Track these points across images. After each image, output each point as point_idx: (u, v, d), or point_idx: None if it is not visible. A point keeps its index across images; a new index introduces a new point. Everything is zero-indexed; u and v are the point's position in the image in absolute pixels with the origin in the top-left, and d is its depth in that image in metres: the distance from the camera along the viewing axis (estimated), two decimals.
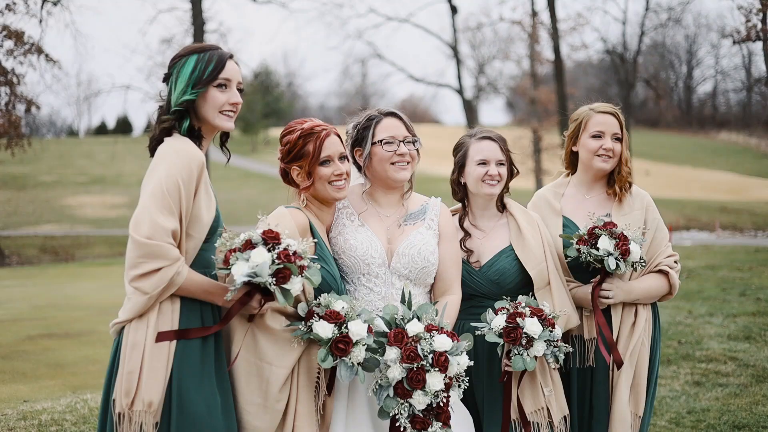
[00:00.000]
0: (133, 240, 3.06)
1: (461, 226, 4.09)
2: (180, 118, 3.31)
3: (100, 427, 3.23)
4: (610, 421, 4.05)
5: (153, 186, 3.12)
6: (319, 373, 3.44)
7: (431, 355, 3.31)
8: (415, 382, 3.27)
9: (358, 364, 3.27)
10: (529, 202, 4.43)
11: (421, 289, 3.81)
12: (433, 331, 3.36)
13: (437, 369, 3.29)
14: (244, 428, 3.33)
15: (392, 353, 3.32)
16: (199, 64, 3.30)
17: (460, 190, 4.15)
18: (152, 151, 3.31)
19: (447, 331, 3.39)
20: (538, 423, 3.84)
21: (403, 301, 3.50)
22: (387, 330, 3.39)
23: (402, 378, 3.30)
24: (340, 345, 3.23)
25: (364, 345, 3.27)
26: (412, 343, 3.33)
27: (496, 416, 3.88)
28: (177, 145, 3.23)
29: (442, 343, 3.32)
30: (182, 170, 3.15)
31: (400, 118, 3.87)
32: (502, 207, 4.13)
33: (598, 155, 4.22)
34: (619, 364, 4.05)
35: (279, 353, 3.34)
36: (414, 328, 3.36)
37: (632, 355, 4.08)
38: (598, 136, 4.23)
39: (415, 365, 3.29)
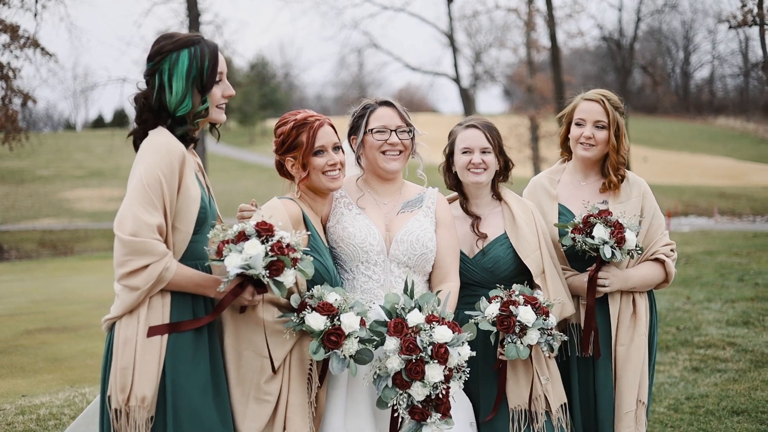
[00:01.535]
0: (118, 238, 3.04)
1: (466, 211, 4.07)
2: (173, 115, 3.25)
3: (99, 424, 3.22)
4: (616, 411, 4.06)
5: (134, 183, 3.09)
6: (311, 364, 3.43)
7: (431, 347, 3.27)
8: (413, 373, 3.25)
9: (350, 356, 3.26)
10: (524, 189, 4.41)
11: (420, 277, 3.80)
12: (434, 322, 3.32)
13: (437, 361, 3.26)
14: (236, 419, 3.31)
15: (392, 343, 3.29)
16: (194, 62, 3.24)
17: (451, 179, 4.14)
18: (136, 145, 3.27)
19: (448, 322, 3.35)
20: (536, 411, 3.84)
21: (405, 290, 3.47)
22: (387, 319, 3.37)
23: (401, 369, 3.27)
24: (332, 337, 3.22)
25: (356, 337, 3.26)
26: (412, 334, 3.30)
27: (491, 404, 3.86)
28: (157, 140, 3.18)
29: (442, 334, 3.28)
30: (162, 164, 3.11)
31: (395, 108, 3.85)
32: (496, 195, 4.11)
33: (580, 143, 4.22)
34: (597, 357, 4.06)
35: (271, 344, 3.33)
36: (414, 318, 3.32)
37: (639, 346, 4.08)
38: (579, 123, 4.22)
39: (414, 357, 3.26)
